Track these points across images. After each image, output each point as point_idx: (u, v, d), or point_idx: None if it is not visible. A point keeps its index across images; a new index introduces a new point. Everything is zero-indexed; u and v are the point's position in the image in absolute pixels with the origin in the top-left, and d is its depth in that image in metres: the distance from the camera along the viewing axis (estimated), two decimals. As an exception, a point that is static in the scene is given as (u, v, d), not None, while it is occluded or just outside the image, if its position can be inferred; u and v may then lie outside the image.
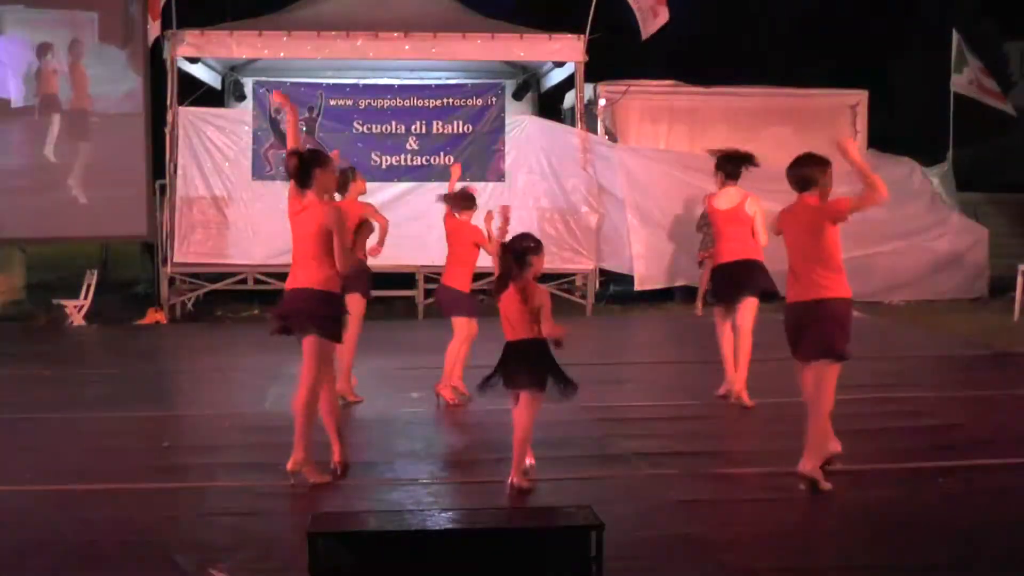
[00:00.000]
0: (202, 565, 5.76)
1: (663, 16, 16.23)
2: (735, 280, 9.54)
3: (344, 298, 7.47)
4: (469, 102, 16.13)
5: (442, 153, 16.03)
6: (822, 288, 7.23)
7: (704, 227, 13.98)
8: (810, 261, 7.30)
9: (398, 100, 16.13)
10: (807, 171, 7.43)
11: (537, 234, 15.34)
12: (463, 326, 9.58)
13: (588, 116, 16.74)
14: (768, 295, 9.49)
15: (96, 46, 16.00)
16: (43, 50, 15.70)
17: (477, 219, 9.83)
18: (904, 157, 17.82)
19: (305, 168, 7.20)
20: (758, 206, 9.48)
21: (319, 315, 7.19)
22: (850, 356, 7.33)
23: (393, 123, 16.04)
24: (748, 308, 9.47)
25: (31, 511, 6.77)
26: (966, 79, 18.83)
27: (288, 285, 7.33)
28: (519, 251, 7.22)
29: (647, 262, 16.02)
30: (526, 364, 7.09)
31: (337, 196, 8.31)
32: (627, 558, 5.73)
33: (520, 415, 7.06)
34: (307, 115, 15.93)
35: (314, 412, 7.31)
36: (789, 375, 7.74)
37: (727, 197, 9.64)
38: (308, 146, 14.74)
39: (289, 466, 7.21)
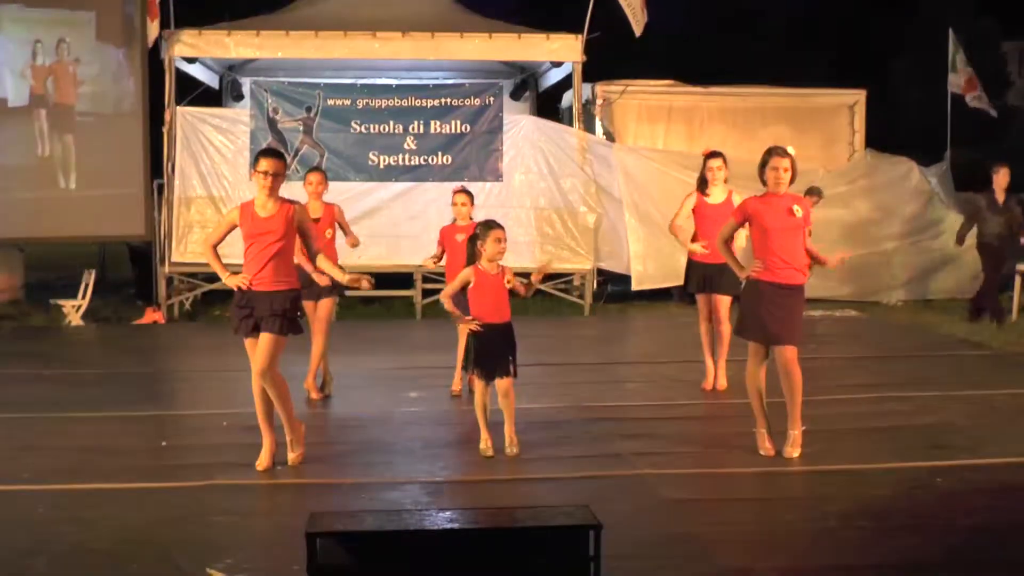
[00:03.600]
0: (201, 565, 5.76)
1: (646, 16, 16.30)
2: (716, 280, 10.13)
3: None
4: (467, 102, 16.13)
5: (440, 153, 16.03)
6: None
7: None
8: None
9: (396, 100, 16.12)
10: None
11: (535, 234, 15.57)
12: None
13: (586, 116, 16.74)
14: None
15: (94, 46, 16.00)
16: (32, 48, 15.74)
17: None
18: (902, 157, 17.83)
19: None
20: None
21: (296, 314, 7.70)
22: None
23: (391, 123, 16.04)
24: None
25: (28, 511, 6.77)
26: (961, 79, 18.86)
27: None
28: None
29: (645, 262, 16.03)
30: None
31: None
32: (625, 557, 5.74)
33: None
34: (305, 115, 15.94)
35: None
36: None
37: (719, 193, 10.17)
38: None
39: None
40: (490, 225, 7.95)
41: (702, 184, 10.19)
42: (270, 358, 7.46)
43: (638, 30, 16.38)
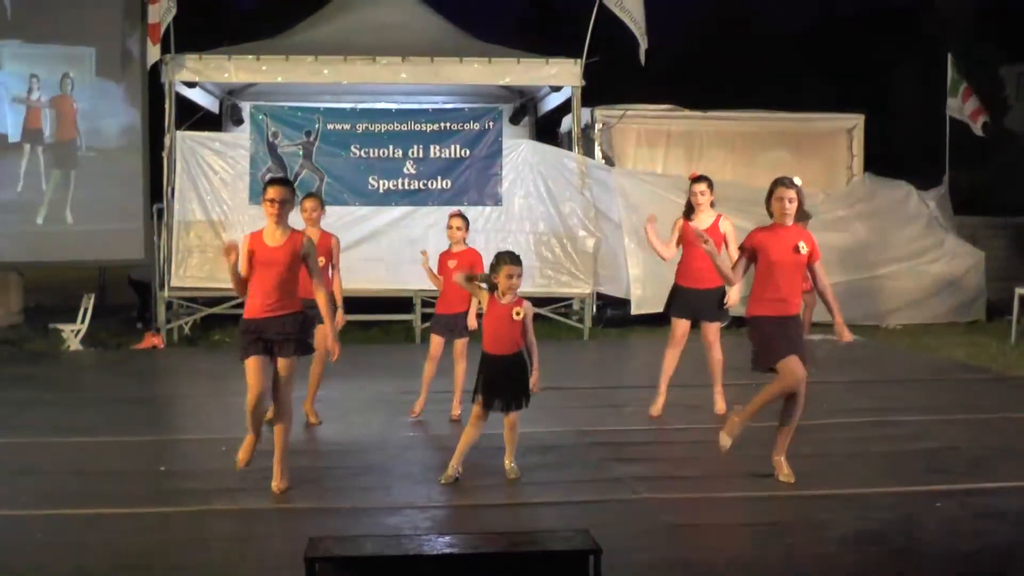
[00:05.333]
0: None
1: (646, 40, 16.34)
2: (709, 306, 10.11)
3: None
4: (466, 126, 16.16)
5: (439, 177, 16.05)
6: None
7: None
8: None
9: (395, 124, 16.14)
10: None
11: (534, 258, 15.57)
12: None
13: (585, 140, 16.78)
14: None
15: (94, 80, 16.05)
16: (29, 84, 15.80)
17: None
18: (900, 180, 17.88)
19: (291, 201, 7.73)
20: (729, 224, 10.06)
21: (306, 335, 7.78)
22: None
23: (390, 147, 16.06)
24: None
25: (27, 536, 6.75)
26: (958, 103, 18.91)
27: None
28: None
29: (644, 286, 16.03)
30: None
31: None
32: (625, 582, 5.72)
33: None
34: (304, 139, 15.96)
35: None
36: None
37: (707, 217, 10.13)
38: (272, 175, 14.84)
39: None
40: (503, 259, 7.78)
41: (688, 210, 10.13)
42: (288, 382, 7.59)
43: (643, 55, 16.38)
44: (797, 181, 7.80)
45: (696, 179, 10.14)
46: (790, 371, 7.64)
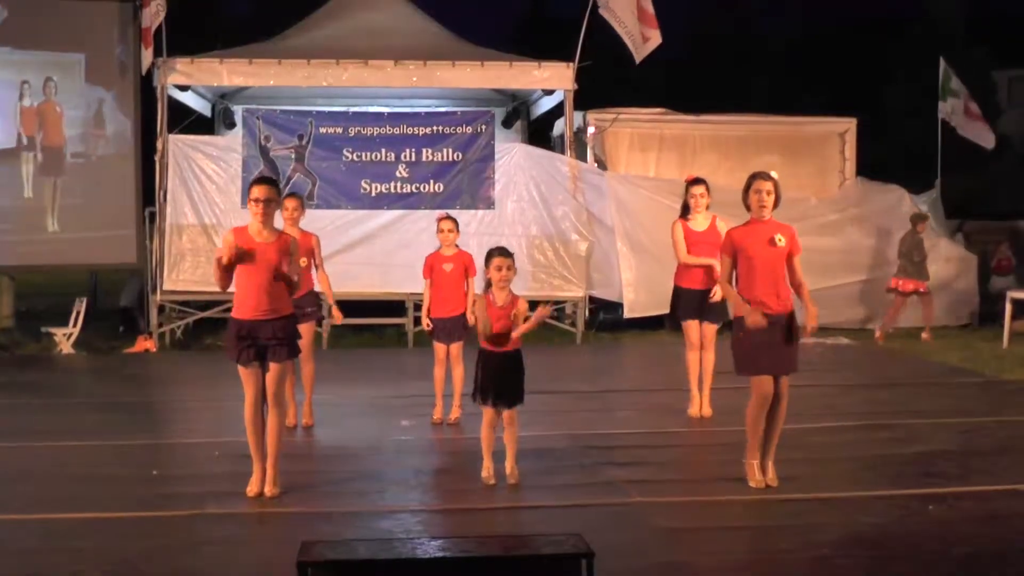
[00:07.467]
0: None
1: (655, 39, 16.18)
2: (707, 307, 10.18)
3: None
4: (459, 130, 16.16)
5: (432, 181, 16.06)
6: None
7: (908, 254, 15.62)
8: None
9: (388, 128, 16.14)
10: None
11: (526, 262, 15.57)
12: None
13: (578, 144, 16.77)
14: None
15: (83, 88, 16.01)
16: (20, 90, 15.76)
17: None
18: (893, 184, 17.89)
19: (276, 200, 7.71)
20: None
21: (296, 338, 7.73)
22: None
23: (383, 151, 16.06)
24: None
25: (20, 541, 6.73)
26: (951, 107, 18.94)
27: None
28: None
29: (637, 290, 16.03)
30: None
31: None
32: (618, 586, 5.72)
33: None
34: (297, 143, 15.95)
35: None
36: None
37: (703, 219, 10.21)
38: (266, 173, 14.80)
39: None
40: (492, 253, 7.95)
41: (684, 210, 10.21)
42: (281, 385, 7.58)
43: (638, 57, 16.38)
44: (773, 175, 7.77)
45: (694, 181, 10.21)
46: (758, 389, 7.67)
